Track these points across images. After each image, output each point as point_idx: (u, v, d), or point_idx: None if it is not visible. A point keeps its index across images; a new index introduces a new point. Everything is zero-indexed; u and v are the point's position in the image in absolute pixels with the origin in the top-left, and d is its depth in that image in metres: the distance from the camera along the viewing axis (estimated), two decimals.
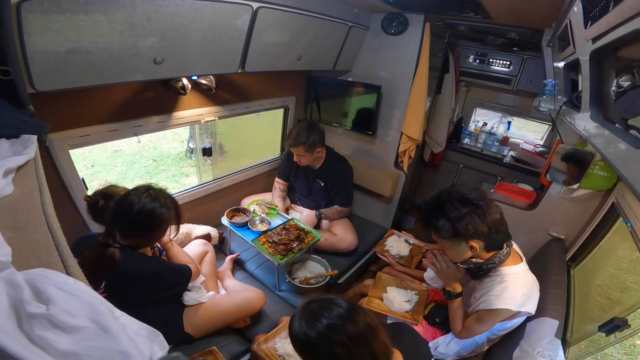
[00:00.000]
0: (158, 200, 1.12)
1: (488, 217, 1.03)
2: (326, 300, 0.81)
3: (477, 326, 1.17)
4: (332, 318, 0.75)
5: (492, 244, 1.09)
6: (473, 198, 1.05)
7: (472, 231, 1.04)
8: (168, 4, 1.04)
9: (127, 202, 1.09)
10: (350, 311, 0.77)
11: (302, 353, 0.79)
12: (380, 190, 2.36)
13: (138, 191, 1.11)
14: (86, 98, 1.32)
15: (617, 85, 0.83)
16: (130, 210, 1.08)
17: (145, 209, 1.09)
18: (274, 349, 1.30)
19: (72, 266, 0.49)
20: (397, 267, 1.84)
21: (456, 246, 1.10)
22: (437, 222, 1.08)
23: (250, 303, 1.46)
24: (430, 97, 2.36)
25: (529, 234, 1.87)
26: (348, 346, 0.72)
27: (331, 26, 1.76)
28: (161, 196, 1.14)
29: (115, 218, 1.11)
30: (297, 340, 0.78)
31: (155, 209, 1.11)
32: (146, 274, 1.14)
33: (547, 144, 3.04)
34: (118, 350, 0.36)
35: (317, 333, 0.74)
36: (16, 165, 0.63)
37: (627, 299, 1.22)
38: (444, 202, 1.07)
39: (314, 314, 0.77)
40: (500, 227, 1.07)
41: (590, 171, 1.56)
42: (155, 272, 1.16)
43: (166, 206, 1.14)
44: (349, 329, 0.73)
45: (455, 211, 1.05)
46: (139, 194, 1.10)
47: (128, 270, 1.10)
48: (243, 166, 2.32)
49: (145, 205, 1.09)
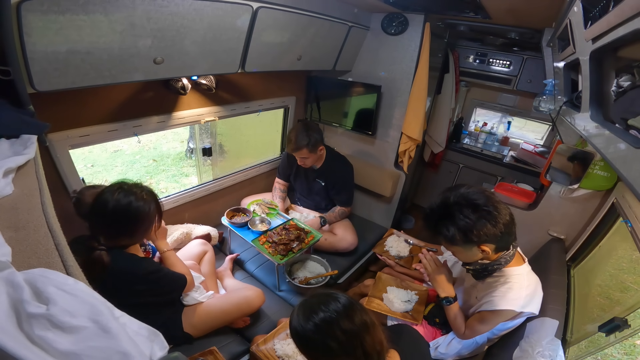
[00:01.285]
0: (133, 194, 1.07)
1: (499, 222, 1.00)
2: (326, 294, 0.82)
3: (480, 326, 1.17)
4: (328, 311, 0.77)
5: (503, 245, 1.07)
6: (482, 204, 1.00)
7: (484, 237, 1.00)
8: (168, 4, 1.04)
9: (101, 201, 1.05)
10: (348, 306, 0.79)
11: (300, 346, 0.81)
12: (380, 190, 2.36)
13: (111, 188, 1.07)
14: (86, 98, 1.32)
15: (617, 85, 0.82)
16: (105, 210, 1.03)
17: (120, 205, 1.04)
18: (273, 350, 1.30)
19: (72, 266, 0.49)
20: (397, 268, 1.84)
21: (467, 250, 1.07)
22: (448, 232, 1.03)
23: (249, 301, 1.45)
24: (430, 97, 2.36)
25: (529, 234, 1.87)
26: (341, 340, 0.74)
27: (331, 26, 1.76)
28: (136, 189, 1.09)
29: (93, 220, 1.07)
30: (295, 332, 0.80)
31: (131, 203, 1.05)
32: (139, 274, 1.10)
33: (547, 144, 3.04)
34: (118, 350, 0.36)
35: (312, 325, 0.76)
36: (16, 165, 0.63)
37: (627, 299, 1.22)
38: (452, 210, 1.03)
39: (312, 306, 0.79)
40: (511, 228, 1.04)
41: (590, 171, 1.56)
42: (148, 273, 1.12)
43: (142, 199, 1.08)
44: (344, 324, 0.75)
45: (465, 219, 1.00)
46: (112, 191, 1.06)
47: (119, 271, 1.06)
48: (243, 166, 2.32)
49: (119, 201, 1.04)
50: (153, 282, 1.14)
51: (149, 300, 1.17)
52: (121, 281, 1.08)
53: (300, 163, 1.93)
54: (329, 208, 2.15)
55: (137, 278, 1.10)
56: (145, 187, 1.14)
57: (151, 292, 1.16)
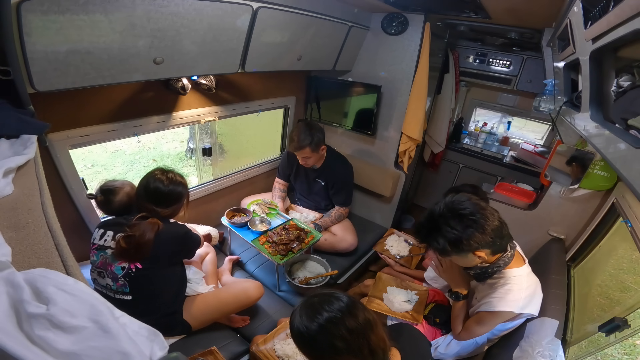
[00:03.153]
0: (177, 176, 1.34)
1: (487, 228, 1.00)
2: (327, 294, 0.82)
3: (477, 328, 1.16)
4: (332, 311, 0.76)
5: (498, 248, 1.07)
6: (468, 213, 1.01)
7: (475, 245, 1.01)
8: (168, 4, 1.04)
9: (154, 183, 1.27)
10: (350, 305, 0.78)
11: (303, 347, 0.80)
12: (380, 190, 2.37)
13: (157, 174, 1.30)
14: (86, 98, 1.32)
15: (617, 85, 0.82)
16: (160, 190, 1.27)
17: (173, 182, 1.30)
18: (273, 350, 1.29)
19: (72, 266, 0.49)
20: (396, 267, 1.84)
21: (463, 258, 1.08)
22: (438, 245, 1.04)
23: (247, 293, 1.45)
24: (430, 97, 2.36)
25: (529, 234, 1.86)
26: (347, 339, 0.74)
27: (331, 26, 1.76)
28: (172, 175, 1.33)
29: (149, 200, 1.27)
30: (298, 333, 0.79)
31: (180, 183, 1.33)
32: (181, 234, 1.31)
33: (547, 144, 3.04)
34: (118, 350, 0.36)
35: (317, 326, 0.75)
36: (16, 165, 0.63)
37: (627, 299, 1.21)
38: (439, 223, 1.03)
39: (315, 307, 0.78)
40: (502, 231, 1.04)
41: (590, 171, 1.56)
42: (185, 232, 1.32)
43: (180, 182, 1.34)
44: (349, 322, 0.75)
45: (452, 231, 1.00)
46: (158, 176, 1.29)
47: (168, 232, 1.26)
48: (243, 166, 2.32)
49: (172, 180, 1.31)
50: (187, 239, 1.34)
51: (178, 258, 1.36)
52: (168, 240, 1.25)
53: (302, 162, 1.93)
54: (328, 208, 2.15)
55: (179, 237, 1.30)
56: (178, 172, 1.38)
57: (183, 250, 1.34)
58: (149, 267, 1.20)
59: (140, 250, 1.16)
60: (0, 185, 0.56)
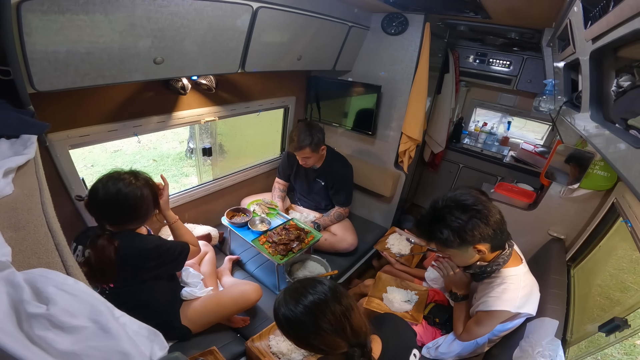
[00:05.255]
0: (121, 180, 1.10)
1: (490, 220, 1.02)
2: (310, 279, 0.87)
3: (477, 329, 1.17)
4: (316, 294, 0.81)
5: (498, 244, 1.08)
6: (471, 203, 1.03)
7: (478, 236, 1.02)
8: (168, 4, 1.04)
9: (92, 190, 1.09)
10: (333, 288, 0.84)
11: (288, 330, 0.83)
12: (380, 190, 2.37)
13: (102, 178, 1.11)
14: (86, 98, 1.32)
15: (617, 85, 0.82)
16: (96, 198, 1.08)
17: (109, 192, 1.07)
18: (268, 347, 1.30)
19: (72, 266, 0.49)
20: (397, 265, 1.85)
21: (463, 252, 1.08)
22: (442, 235, 1.04)
23: (246, 295, 1.44)
24: (430, 97, 2.36)
25: (529, 234, 1.87)
26: (332, 320, 0.78)
27: (331, 26, 1.76)
28: (125, 176, 1.12)
29: (91, 210, 1.12)
30: (284, 318, 0.82)
31: (120, 190, 1.08)
32: (149, 248, 1.15)
33: (547, 144, 3.04)
34: (118, 350, 0.36)
35: (303, 308, 0.79)
36: (16, 165, 0.63)
37: (627, 299, 1.21)
38: (443, 213, 1.04)
39: (300, 291, 0.83)
40: (503, 226, 1.06)
41: (590, 171, 1.56)
42: (156, 245, 1.17)
43: (131, 184, 1.11)
44: (333, 304, 0.79)
45: (457, 220, 1.02)
46: (102, 180, 1.10)
47: (130, 249, 1.11)
48: (243, 166, 2.32)
49: (109, 189, 1.08)
50: (162, 253, 1.18)
51: (158, 272, 1.21)
52: (133, 259, 1.12)
53: (302, 163, 1.93)
54: (328, 208, 2.15)
55: (148, 252, 1.14)
56: (137, 173, 1.17)
57: (161, 264, 1.20)
58: (122, 285, 1.12)
59: (105, 273, 1.06)
60: (0, 185, 0.56)
